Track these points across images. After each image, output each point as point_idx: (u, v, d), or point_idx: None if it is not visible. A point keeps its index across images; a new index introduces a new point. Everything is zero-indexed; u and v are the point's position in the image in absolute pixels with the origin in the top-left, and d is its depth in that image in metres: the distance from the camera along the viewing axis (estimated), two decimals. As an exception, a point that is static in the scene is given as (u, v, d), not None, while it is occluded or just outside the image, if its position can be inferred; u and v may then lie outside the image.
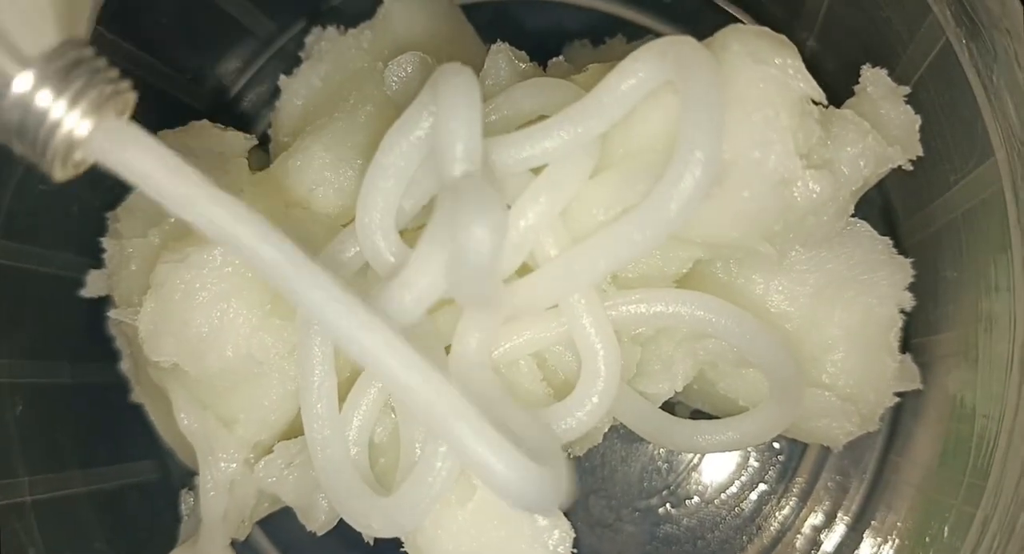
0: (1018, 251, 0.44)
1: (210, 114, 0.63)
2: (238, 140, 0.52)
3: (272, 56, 0.65)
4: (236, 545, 0.51)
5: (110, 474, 0.59)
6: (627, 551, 0.61)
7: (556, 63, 0.53)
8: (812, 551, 0.60)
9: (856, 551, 0.58)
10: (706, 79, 0.39)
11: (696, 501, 0.61)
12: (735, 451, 0.61)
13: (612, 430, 0.50)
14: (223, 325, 0.46)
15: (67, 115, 0.32)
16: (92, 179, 0.56)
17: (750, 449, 0.61)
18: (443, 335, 0.45)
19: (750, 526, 0.61)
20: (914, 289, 0.50)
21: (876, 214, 0.59)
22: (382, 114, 0.51)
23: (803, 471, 0.61)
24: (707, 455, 0.61)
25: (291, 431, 0.50)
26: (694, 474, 0.61)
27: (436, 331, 0.45)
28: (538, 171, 0.43)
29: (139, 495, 0.60)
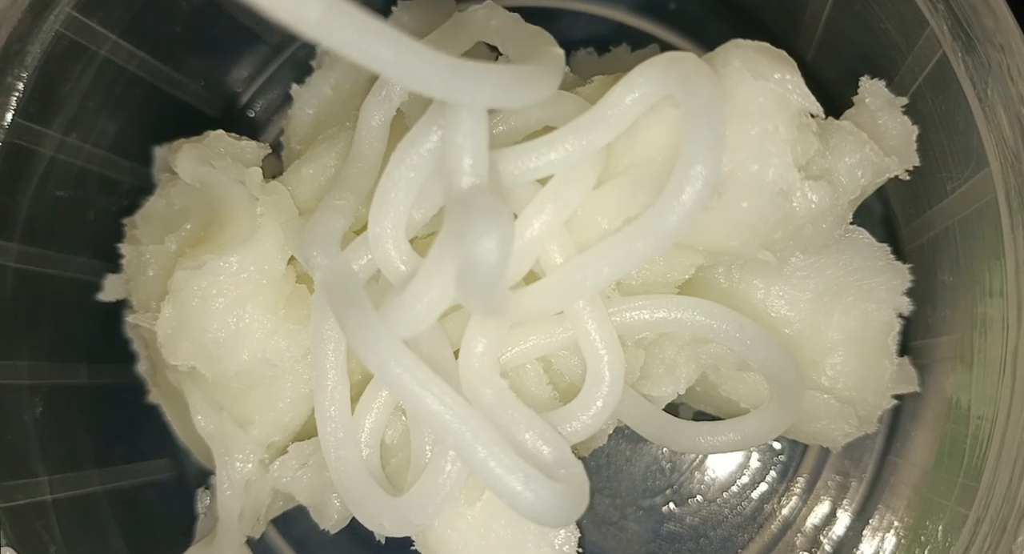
0: (1011, 258, 0.44)
1: (222, 120, 0.64)
2: (252, 149, 0.52)
3: (283, 64, 0.65)
4: (251, 542, 0.51)
5: (127, 473, 0.59)
6: (631, 549, 0.61)
7: (561, 73, 0.53)
8: (812, 549, 0.60)
9: (855, 549, 0.58)
10: (707, 95, 0.39)
11: (699, 500, 0.61)
12: (737, 452, 0.61)
13: (617, 431, 0.50)
14: (239, 330, 0.47)
15: None
16: (108, 185, 0.57)
17: (752, 449, 0.61)
18: (451, 340, 0.45)
19: (752, 524, 0.61)
20: (912, 294, 0.50)
21: (876, 221, 0.59)
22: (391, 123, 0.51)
23: (803, 471, 0.61)
24: (710, 455, 0.61)
25: (304, 432, 0.51)
26: (697, 474, 0.61)
27: (444, 336, 0.45)
28: (544, 181, 0.43)
29: (155, 493, 0.61)
